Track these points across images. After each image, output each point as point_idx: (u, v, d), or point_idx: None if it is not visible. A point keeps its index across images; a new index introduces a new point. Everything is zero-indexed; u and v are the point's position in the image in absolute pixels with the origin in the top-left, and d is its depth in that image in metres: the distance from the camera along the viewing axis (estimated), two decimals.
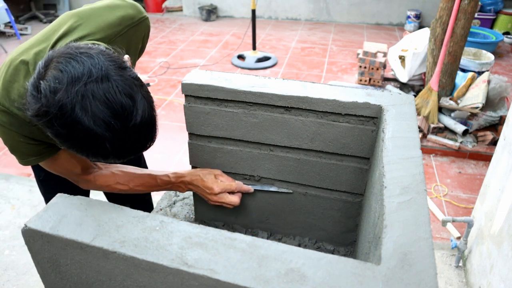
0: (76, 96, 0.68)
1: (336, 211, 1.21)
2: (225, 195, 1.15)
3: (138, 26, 1.08)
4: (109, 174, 1.11)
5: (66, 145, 0.75)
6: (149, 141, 0.80)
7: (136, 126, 0.73)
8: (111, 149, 0.73)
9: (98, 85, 0.69)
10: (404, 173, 0.79)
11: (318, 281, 0.60)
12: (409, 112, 0.99)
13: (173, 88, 3.89)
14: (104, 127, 0.70)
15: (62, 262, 0.75)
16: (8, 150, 0.99)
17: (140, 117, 0.73)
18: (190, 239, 0.69)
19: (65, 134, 0.72)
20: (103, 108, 0.69)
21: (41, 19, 5.95)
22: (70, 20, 0.97)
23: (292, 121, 1.09)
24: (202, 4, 6.05)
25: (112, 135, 0.71)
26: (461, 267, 1.96)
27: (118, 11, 1.03)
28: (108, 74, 0.70)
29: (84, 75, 0.69)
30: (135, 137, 0.75)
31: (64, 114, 0.69)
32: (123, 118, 0.71)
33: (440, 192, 2.51)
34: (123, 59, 0.78)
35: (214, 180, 1.15)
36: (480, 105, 2.87)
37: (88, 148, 0.74)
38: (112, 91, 0.70)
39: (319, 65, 4.38)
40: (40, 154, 0.98)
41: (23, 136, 0.93)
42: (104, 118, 0.69)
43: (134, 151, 0.79)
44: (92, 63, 0.70)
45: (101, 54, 0.73)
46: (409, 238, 0.65)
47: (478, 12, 4.90)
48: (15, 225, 2.26)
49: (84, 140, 0.72)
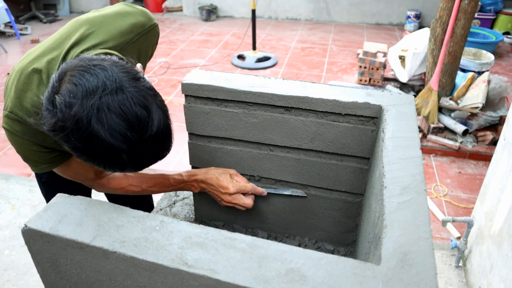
0: (91, 110, 0.68)
1: (336, 211, 1.21)
2: (239, 196, 1.13)
3: (149, 34, 1.08)
4: (122, 176, 1.11)
5: (83, 158, 0.75)
6: (165, 150, 0.80)
7: (152, 137, 0.73)
8: (128, 161, 0.73)
9: (113, 97, 0.69)
10: (404, 173, 0.79)
11: (318, 281, 0.60)
12: (409, 112, 0.99)
13: (173, 88, 3.89)
14: (121, 139, 0.70)
15: (62, 262, 0.75)
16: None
17: (156, 127, 0.73)
18: (190, 239, 0.69)
19: (82, 147, 0.72)
20: (119, 120, 0.69)
21: (41, 19, 5.95)
22: (82, 28, 0.97)
23: (292, 121, 1.09)
24: (202, 4, 6.05)
25: (129, 147, 0.71)
26: (461, 267, 1.96)
27: (129, 18, 1.03)
28: (122, 85, 0.70)
29: (99, 88, 0.69)
30: (152, 147, 0.75)
31: (80, 128, 0.69)
32: (139, 129, 0.71)
33: (440, 192, 2.51)
34: (136, 69, 0.78)
35: (230, 179, 1.13)
36: (480, 105, 2.87)
37: (106, 161, 0.74)
38: (127, 102, 0.70)
39: (319, 65, 4.38)
40: (53, 162, 0.98)
41: (36, 144, 0.93)
42: (120, 131, 0.69)
43: (151, 161, 0.79)
44: (106, 76, 0.70)
45: (114, 65, 0.73)
46: (409, 238, 0.65)
47: (478, 12, 4.90)
48: (15, 225, 2.26)
49: (101, 153, 0.72)
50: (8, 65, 4.51)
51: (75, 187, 1.12)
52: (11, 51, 4.88)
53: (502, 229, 1.54)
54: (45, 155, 0.96)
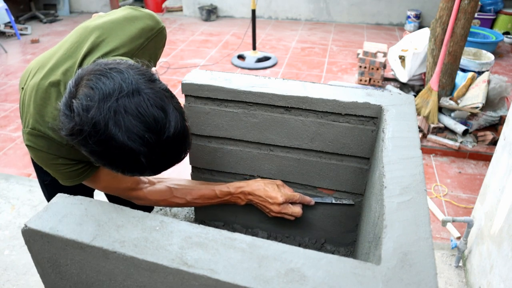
0: (108, 112, 0.68)
1: (336, 211, 1.21)
2: (288, 205, 1.12)
3: (157, 37, 1.07)
4: (165, 189, 1.10)
5: (102, 162, 0.74)
6: (183, 152, 0.79)
7: (169, 138, 0.72)
8: (147, 164, 0.73)
9: (130, 100, 0.69)
10: (404, 173, 0.79)
11: (318, 281, 0.60)
12: (409, 112, 0.99)
13: (173, 88, 3.89)
14: (139, 141, 0.70)
15: (62, 262, 0.75)
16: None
17: (173, 129, 0.72)
18: (190, 239, 0.69)
19: (100, 151, 0.71)
20: (136, 123, 0.69)
21: (41, 19, 5.95)
22: (93, 35, 0.96)
23: (292, 121, 1.09)
24: (202, 4, 6.05)
25: (147, 149, 0.71)
26: (461, 267, 1.96)
27: (137, 23, 1.02)
28: (139, 88, 0.70)
29: (115, 90, 0.69)
30: (170, 149, 0.75)
31: (98, 131, 0.68)
32: (156, 131, 0.71)
33: (440, 192, 2.51)
34: (151, 71, 0.77)
35: (277, 189, 1.12)
36: (480, 105, 2.87)
37: (124, 164, 0.74)
38: (144, 104, 0.70)
39: (319, 65, 4.38)
40: (80, 175, 0.98)
41: (61, 157, 0.93)
42: (138, 133, 0.69)
43: (169, 164, 0.78)
44: (122, 78, 0.70)
45: (130, 68, 0.73)
46: (409, 238, 0.65)
47: (478, 12, 4.90)
48: (15, 225, 2.26)
49: (119, 156, 0.71)
50: (8, 65, 4.50)
51: (78, 190, 1.12)
52: (11, 51, 4.88)
53: (502, 229, 1.54)
54: (71, 168, 0.96)
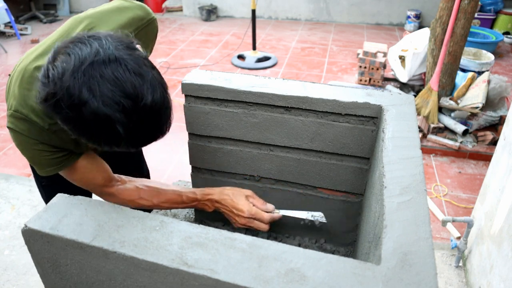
0: (83, 76, 0.67)
1: (336, 211, 1.21)
2: (254, 220, 1.10)
3: (147, 28, 1.07)
4: (133, 188, 1.08)
5: (77, 132, 0.73)
6: (164, 125, 0.77)
7: (147, 106, 0.70)
8: (124, 133, 0.71)
9: (106, 65, 0.68)
10: (404, 173, 0.79)
11: (318, 281, 0.60)
12: (409, 112, 0.99)
13: (173, 88, 3.89)
14: (115, 107, 0.68)
15: (62, 262, 0.75)
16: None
17: (151, 96, 0.70)
18: (190, 239, 0.69)
19: (74, 117, 0.70)
20: (112, 87, 0.68)
21: (41, 19, 5.95)
22: (82, 24, 0.96)
23: (292, 121, 1.09)
24: (202, 4, 6.05)
25: (124, 116, 0.69)
26: (461, 267, 1.96)
27: (127, 12, 1.03)
28: (117, 54, 0.69)
29: (91, 55, 0.68)
30: (148, 118, 0.72)
31: (71, 95, 0.67)
32: (133, 97, 0.69)
33: (440, 192, 2.51)
34: (132, 40, 0.76)
35: (246, 202, 1.09)
36: (480, 105, 2.87)
37: (99, 133, 0.71)
38: (121, 69, 0.68)
39: (319, 65, 4.38)
40: (59, 163, 0.97)
41: (42, 143, 0.91)
42: (113, 98, 0.68)
43: (148, 137, 0.76)
44: (99, 44, 0.69)
45: (109, 36, 0.72)
46: (409, 238, 0.65)
47: (478, 12, 4.90)
48: (15, 225, 2.26)
49: (94, 123, 0.69)
50: (8, 65, 4.50)
51: (75, 192, 1.11)
52: (11, 51, 4.88)
53: (502, 229, 1.54)
54: (51, 155, 0.94)
